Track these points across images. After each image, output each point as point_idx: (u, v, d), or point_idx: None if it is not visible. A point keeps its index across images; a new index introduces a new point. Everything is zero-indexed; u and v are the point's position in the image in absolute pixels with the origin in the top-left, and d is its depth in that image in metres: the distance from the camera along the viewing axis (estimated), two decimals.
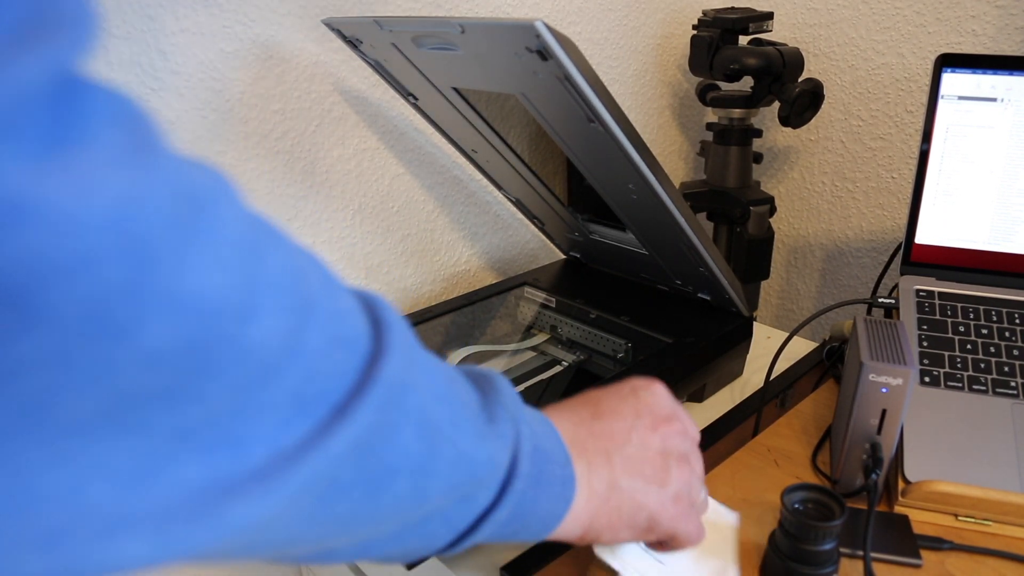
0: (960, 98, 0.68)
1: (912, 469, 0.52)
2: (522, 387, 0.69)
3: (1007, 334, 0.62)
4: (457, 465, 0.28)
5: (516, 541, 0.34)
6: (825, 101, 0.90)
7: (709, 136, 0.93)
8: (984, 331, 0.63)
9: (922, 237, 0.70)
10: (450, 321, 0.77)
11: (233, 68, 0.65)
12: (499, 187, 0.79)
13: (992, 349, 0.61)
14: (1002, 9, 0.80)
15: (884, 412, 0.49)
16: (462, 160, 0.83)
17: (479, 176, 0.86)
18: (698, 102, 0.95)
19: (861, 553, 0.46)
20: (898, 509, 0.52)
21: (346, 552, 0.27)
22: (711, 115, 0.93)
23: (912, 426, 0.55)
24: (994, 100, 0.67)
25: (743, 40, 0.88)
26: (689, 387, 0.67)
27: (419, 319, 0.75)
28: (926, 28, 0.86)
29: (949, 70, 0.68)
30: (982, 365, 0.60)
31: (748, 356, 0.73)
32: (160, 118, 0.63)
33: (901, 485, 0.52)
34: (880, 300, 0.71)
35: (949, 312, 0.65)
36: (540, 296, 0.80)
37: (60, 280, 0.14)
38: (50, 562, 0.17)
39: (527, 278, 0.82)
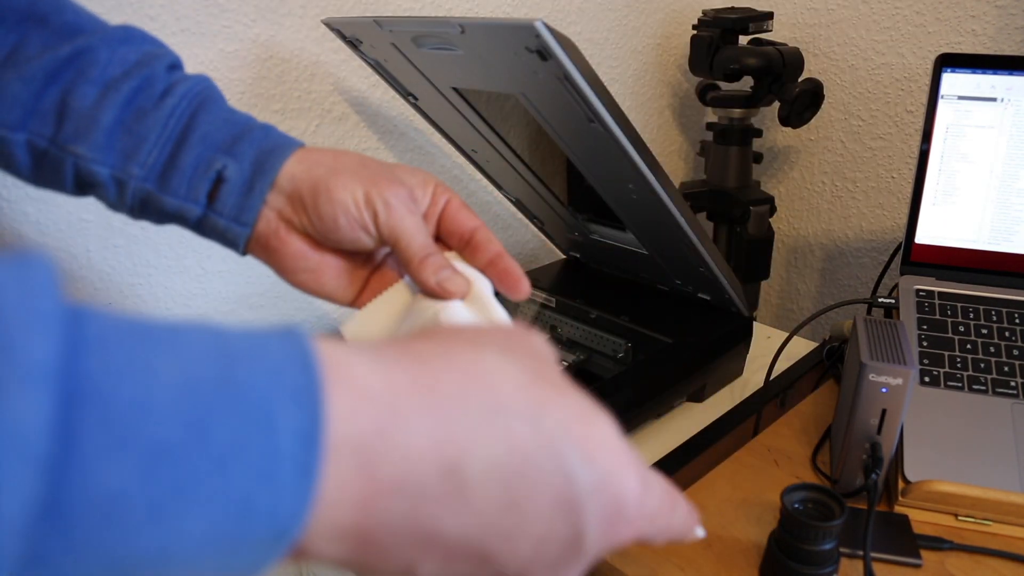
0: (960, 98, 0.68)
1: (912, 469, 0.52)
2: None
3: (1007, 334, 0.62)
4: None
5: None
6: (825, 101, 0.90)
7: (709, 136, 0.93)
8: (984, 331, 0.63)
9: (922, 237, 0.70)
10: None
11: (233, 68, 0.65)
12: (499, 187, 0.79)
13: (992, 349, 0.61)
14: (1002, 9, 0.80)
15: (884, 412, 0.49)
16: (462, 160, 0.83)
17: (479, 176, 0.86)
18: (698, 102, 0.95)
19: (861, 553, 0.46)
20: (898, 509, 0.52)
21: None
22: (711, 115, 0.93)
23: (912, 426, 0.55)
24: (994, 100, 0.67)
25: (743, 40, 0.88)
26: (689, 387, 0.67)
27: None
28: (926, 28, 0.86)
29: (949, 70, 0.68)
30: (982, 365, 0.60)
31: (748, 356, 0.73)
32: None
33: (901, 485, 0.52)
34: (880, 300, 0.71)
35: (949, 312, 0.65)
36: (540, 296, 0.80)
37: None
38: None
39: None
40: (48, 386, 0.15)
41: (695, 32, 0.87)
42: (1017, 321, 0.63)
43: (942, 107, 0.68)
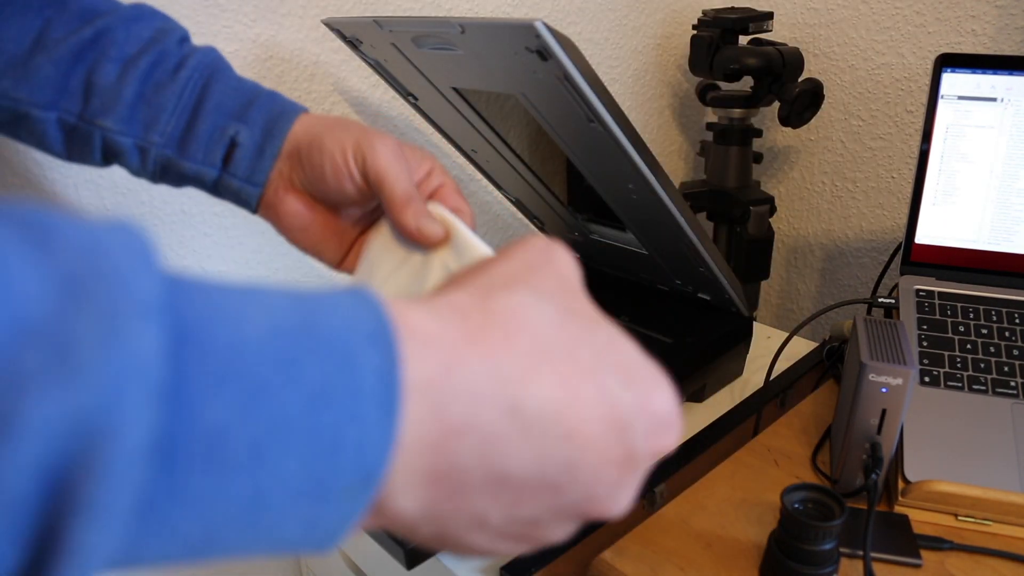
0: (960, 98, 0.68)
1: (912, 469, 0.52)
2: None
3: (1007, 334, 0.62)
4: None
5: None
6: (825, 101, 0.90)
7: (709, 136, 0.93)
8: (984, 331, 0.63)
9: (922, 237, 0.70)
10: None
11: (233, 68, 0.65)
12: (499, 187, 0.79)
13: (992, 349, 0.61)
14: (1002, 9, 0.80)
15: (884, 412, 0.49)
16: (462, 160, 0.83)
17: (479, 176, 0.86)
18: (698, 102, 0.95)
19: (861, 553, 0.46)
20: (898, 509, 0.52)
21: None
22: (711, 115, 0.93)
23: (912, 426, 0.55)
24: (994, 100, 0.67)
25: (743, 40, 0.88)
26: (689, 387, 0.67)
27: None
28: (926, 28, 0.86)
29: (949, 70, 0.68)
30: (982, 365, 0.60)
31: (748, 356, 0.73)
32: None
33: (901, 485, 0.52)
34: (880, 300, 0.71)
35: (949, 312, 0.65)
36: None
37: None
38: None
39: None
40: (160, 321, 0.16)
41: (695, 32, 0.87)
42: (1017, 321, 0.63)
43: (942, 107, 0.68)
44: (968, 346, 0.62)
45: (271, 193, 0.45)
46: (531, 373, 0.22)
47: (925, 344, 0.63)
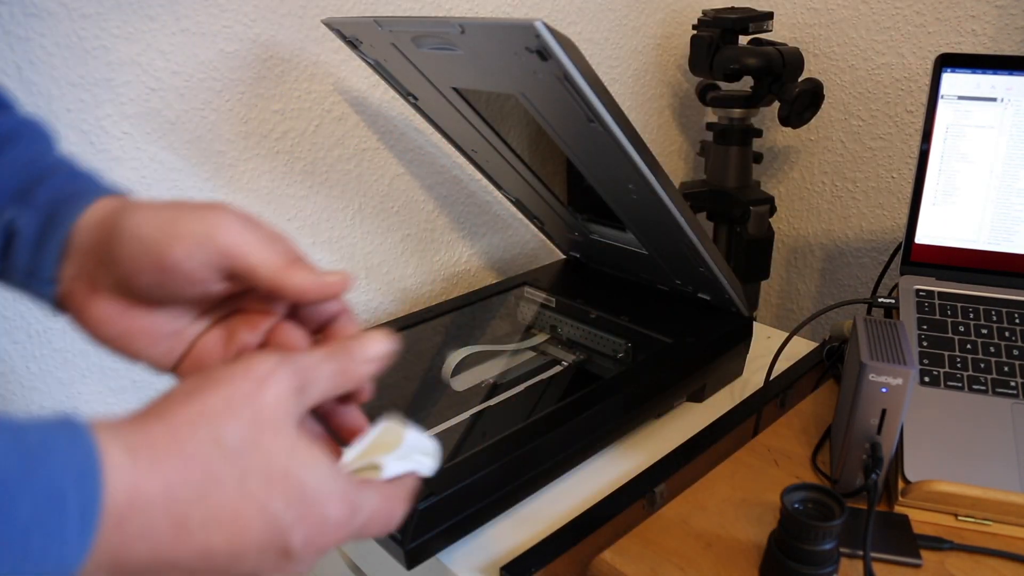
0: (960, 98, 0.68)
1: (912, 469, 0.53)
2: (522, 387, 0.69)
3: (1007, 334, 0.62)
4: None
5: None
6: (825, 101, 0.90)
7: (709, 136, 0.93)
8: (984, 331, 0.63)
9: (922, 237, 0.70)
10: (450, 321, 0.77)
11: (233, 68, 0.65)
12: (499, 187, 0.79)
13: (992, 349, 0.61)
14: (1002, 9, 0.80)
15: (884, 412, 0.49)
16: (462, 160, 0.83)
17: (479, 176, 0.86)
18: (698, 102, 0.95)
19: (861, 553, 0.46)
20: (898, 509, 0.52)
21: None
22: (711, 115, 0.93)
23: (912, 426, 0.55)
24: (994, 100, 0.67)
25: (743, 40, 0.88)
26: (689, 387, 0.67)
27: (419, 319, 0.75)
28: (926, 28, 0.86)
29: (949, 70, 0.68)
30: (982, 365, 0.60)
31: (748, 356, 0.73)
32: (160, 118, 0.63)
33: (901, 485, 0.52)
34: (880, 300, 0.71)
35: (949, 312, 0.65)
36: (540, 296, 0.80)
37: None
38: None
39: (527, 278, 0.82)
40: None
41: (695, 32, 0.87)
42: (1017, 321, 0.63)
43: (942, 107, 0.68)
44: (968, 346, 0.62)
45: (67, 295, 0.36)
46: (199, 497, 0.29)
47: (925, 344, 0.63)
